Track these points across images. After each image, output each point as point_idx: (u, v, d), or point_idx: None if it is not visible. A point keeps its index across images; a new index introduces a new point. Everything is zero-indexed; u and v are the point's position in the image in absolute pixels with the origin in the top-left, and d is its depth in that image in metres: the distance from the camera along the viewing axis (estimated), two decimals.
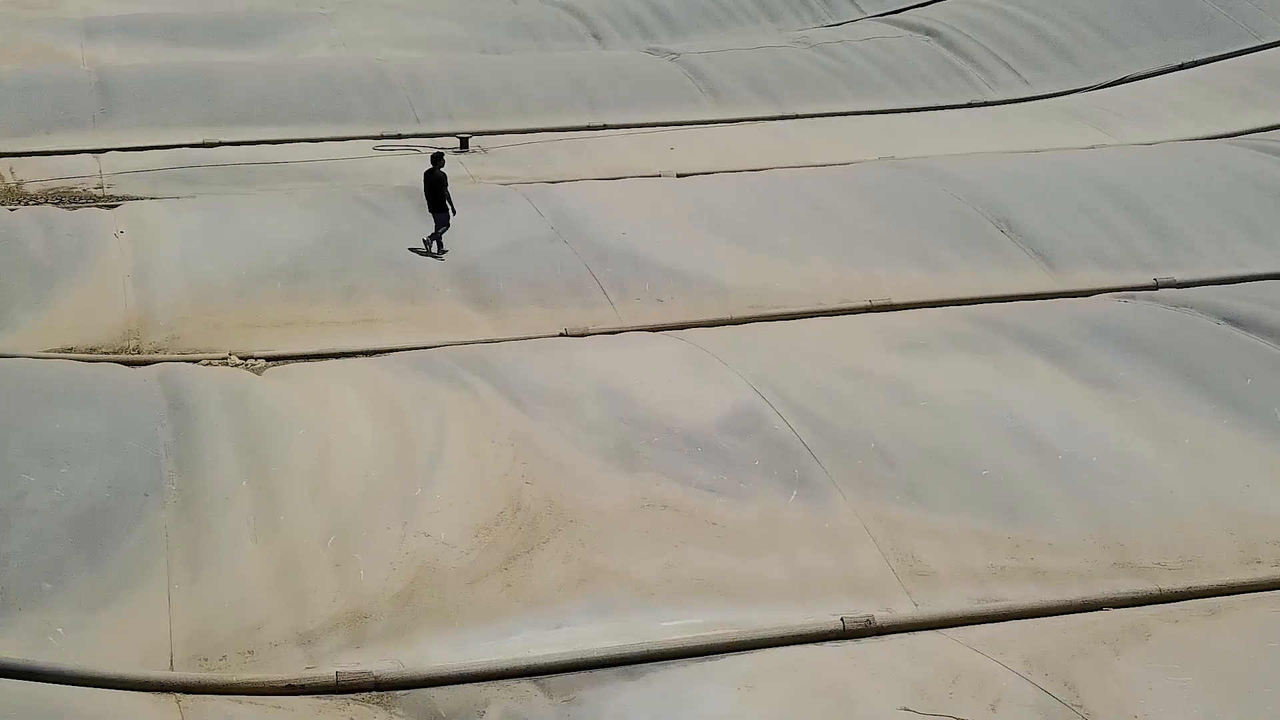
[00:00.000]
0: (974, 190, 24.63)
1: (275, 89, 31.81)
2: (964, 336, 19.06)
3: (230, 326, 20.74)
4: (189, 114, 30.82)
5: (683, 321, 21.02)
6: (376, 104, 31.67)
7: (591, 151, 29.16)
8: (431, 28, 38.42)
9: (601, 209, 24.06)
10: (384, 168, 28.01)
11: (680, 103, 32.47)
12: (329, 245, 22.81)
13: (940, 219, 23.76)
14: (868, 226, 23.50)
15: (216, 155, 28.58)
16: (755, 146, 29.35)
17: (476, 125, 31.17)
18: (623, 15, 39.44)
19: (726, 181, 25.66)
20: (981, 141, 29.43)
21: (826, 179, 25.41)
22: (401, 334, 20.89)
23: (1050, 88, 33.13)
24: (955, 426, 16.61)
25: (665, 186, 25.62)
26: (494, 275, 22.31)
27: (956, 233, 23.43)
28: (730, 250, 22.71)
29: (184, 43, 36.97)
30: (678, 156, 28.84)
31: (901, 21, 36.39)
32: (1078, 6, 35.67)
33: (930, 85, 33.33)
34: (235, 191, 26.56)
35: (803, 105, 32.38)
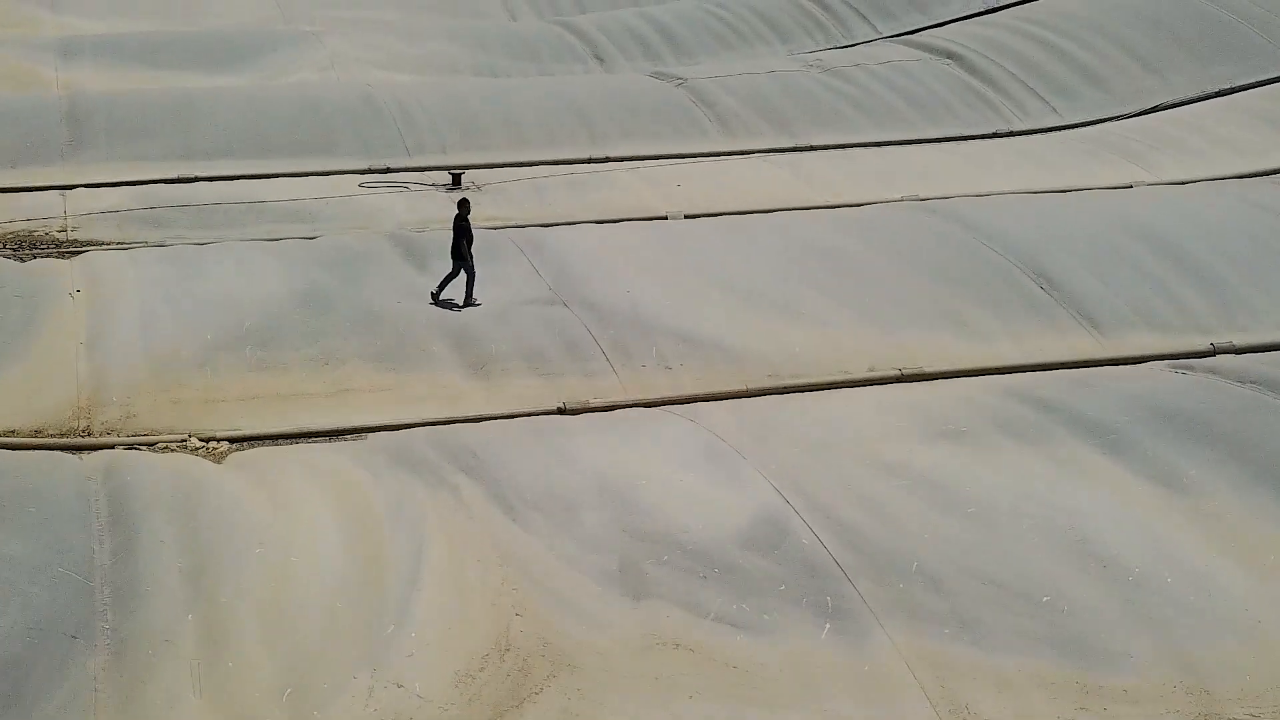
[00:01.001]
0: (1009, 241, 22.38)
1: (256, 118, 29.54)
2: (1011, 421, 16.83)
3: (192, 402, 18.52)
4: (164, 146, 28.55)
5: (693, 394, 18.82)
6: (364, 134, 29.40)
7: (593, 188, 26.90)
8: (425, 48, 36.11)
9: (604, 262, 21.83)
10: (370, 208, 25.75)
11: (687, 132, 30.21)
12: (304, 302, 20.60)
13: (973, 274, 21.51)
14: (894, 282, 21.25)
15: (191, 193, 26.30)
16: (768, 183, 27.09)
17: (470, 157, 28.91)
18: (626, 35, 37.11)
19: (739, 228, 23.40)
20: (1011, 178, 27.16)
21: (847, 226, 23.15)
22: (382, 407, 18.68)
23: (1080, 116, 30.85)
24: (1010, 540, 14.37)
25: (672, 234, 23.37)
26: (486, 338, 20.10)
27: (992, 290, 21.17)
28: (744, 310, 20.46)
29: (164, 65, 34.66)
30: (685, 194, 26.59)
31: (920, 43, 34.08)
32: (1107, 28, 33.37)
33: (953, 113, 31.05)
34: (208, 235, 24.35)
35: (817, 135, 30.09)
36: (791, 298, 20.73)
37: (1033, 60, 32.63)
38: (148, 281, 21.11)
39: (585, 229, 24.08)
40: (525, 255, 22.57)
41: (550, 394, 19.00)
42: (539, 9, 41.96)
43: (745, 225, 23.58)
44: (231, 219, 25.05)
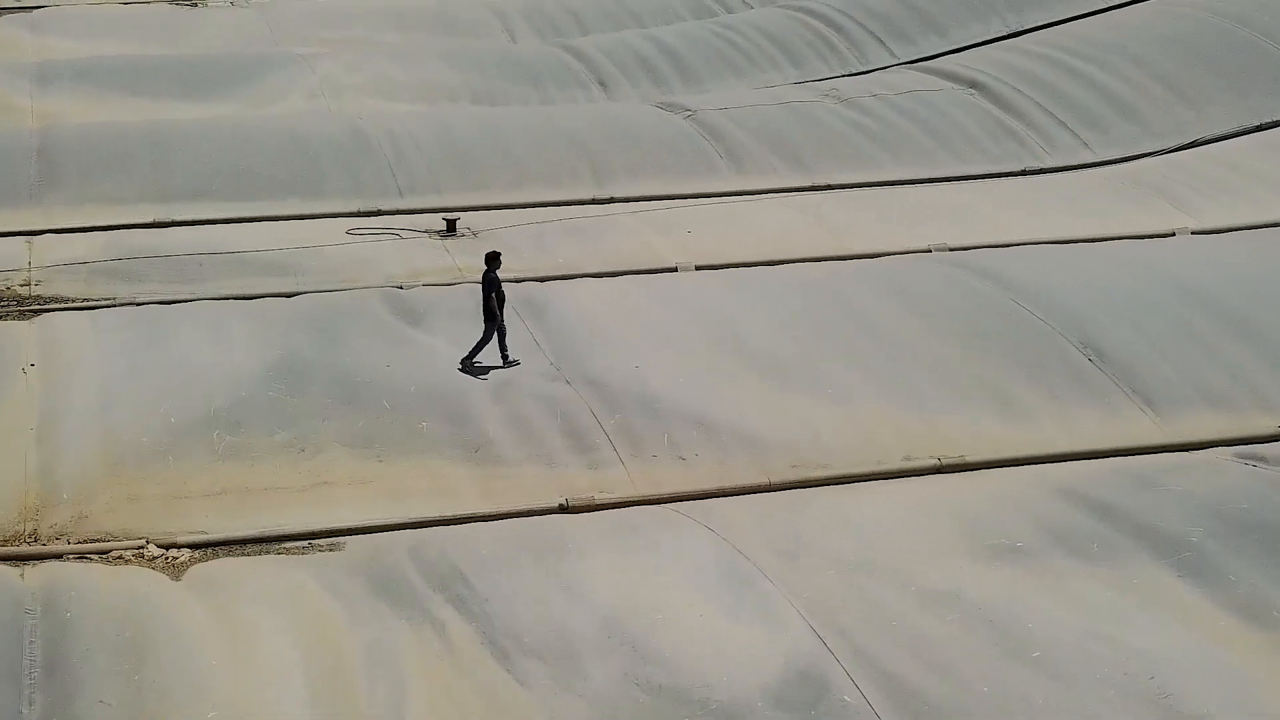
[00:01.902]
0: (1050, 303, 20.25)
1: (239, 155, 27.41)
2: (1070, 532, 14.73)
3: (152, 499, 16.41)
4: (140, 185, 26.46)
5: (710, 489, 16.72)
6: (354, 172, 27.27)
7: (596, 234, 24.75)
8: (420, 73, 33.93)
9: (609, 330, 19.72)
10: (358, 258, 23.60)
11: (697, 169, 28.07)
12: (280, 375, 18.51)
13: (1014, 343, 19.38)
14: (929, 353, 19.12)
15: (165, 241, 24.15)
16: (784, 228, 24.94)
17: (466, 198, 26.79)
18: (630, 58, 34.90)
19: (756, 285, 21.27)
20: (1044, 223, 25.01)
21: (873, 283, 21.02)
22: (365, 503, 16.59)
23: (1114, 151, 28.68)
24: (1082, 695, 12.25)
25: (683, 292, 21.23)
26: (482, 416, 18.04)
27: (1035, 362, 19.05)
28: (764, 388, 18.34)
29: (145, 92, 32.53)
30: (696, 240, 24.45)
31: (940, 71, 31.91)
32: (1138, 55, 31.19)
33: (978, 148, 28.89)
34: (182, 289, 22.23)
35: (835, 172, 27.96)
36: (816, 372, 18.61)
37: (1060, 90, 30.45)
38: (109, 352, 19.02)
39: (589, 285, 21.95)
40: (524, 320, 20.45)
41: (552, 486, 16.90)
42: (539, 29, 39.77)
43: (763, 281, 21.45)
44: (207, 272, 22.92)
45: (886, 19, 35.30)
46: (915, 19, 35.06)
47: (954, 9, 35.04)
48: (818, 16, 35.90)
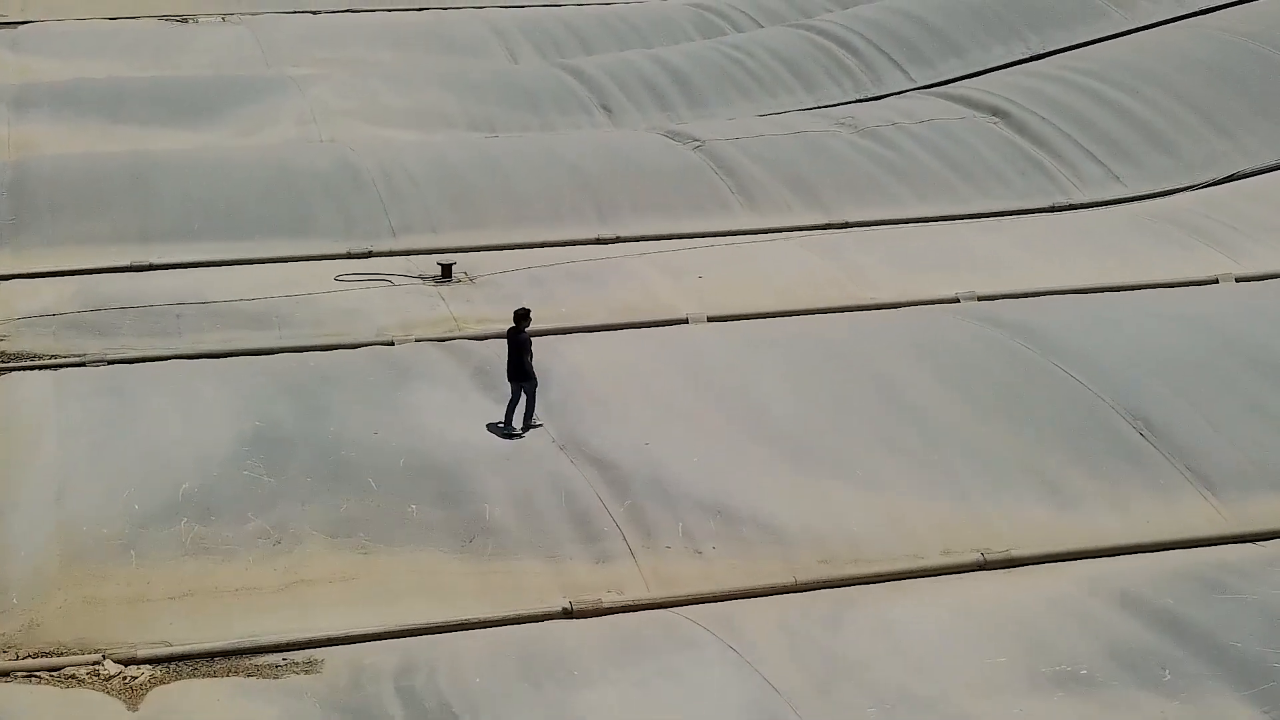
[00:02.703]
0: (1094, 367, 18.44)
1: (223, 191, 25.59)
2: (1136, 653, 13.01)
3: (112, 602, 14.61)
4: (117, 224, 24.68)
5: (730, 590, 14.92)
6: (344, 210, 25.45)
7: (601, 280, 22.94)
8: (415, 97, 32.08)
9: (616, 399, 17.92)
10: (346, 308, 21.79)
11: (707, 205, 26.25)
12: (256, 451, 16.71)
13: (1056, 415, 17.57)
14: (963, 428, 17.31)
15: (141, 289, 22.35)
16: (802, 272, 23.13)
17: (463, 237, 24.97)
18: (635, 81, 33.03)
19: (774, 347, 19.42)
20: (1078, 268, 23.20)
21: (901, 345, 19.19)
22: (346, 604, 14.79)
23: (1147, 185, 26.86)
24: None
25: (696, 354, 19.40)
26: (477, 495, 16.26)
27: (1081, 437, 17.23)
28: (787, 470, 16.53)
29: (128, 118, 30.69)
30: (707, 287, 22.65)
31: (961, 97, 30.06)
32: (1168, 80, 29.35)
33: (1004, 182, 27.07)
34: (157, 344, 20.47)
35: (853, 209, 26.15)
36: (843, 451, 16.79)
37: (1088, 118, 28.62)
38: (72, 426, 17.20)
39: (593, 343, 20.13)
40: None
41: (555, 583, 15.13)
42: (540, 47, 37.90)
43: (781, 341, 19.62)
44: (184, 324, 21.13)
45: (902, 40, 33.46)
46: (932, 40, 33.23)
47: (973, 30, 33.22)
48: (830, 37, 34.05)
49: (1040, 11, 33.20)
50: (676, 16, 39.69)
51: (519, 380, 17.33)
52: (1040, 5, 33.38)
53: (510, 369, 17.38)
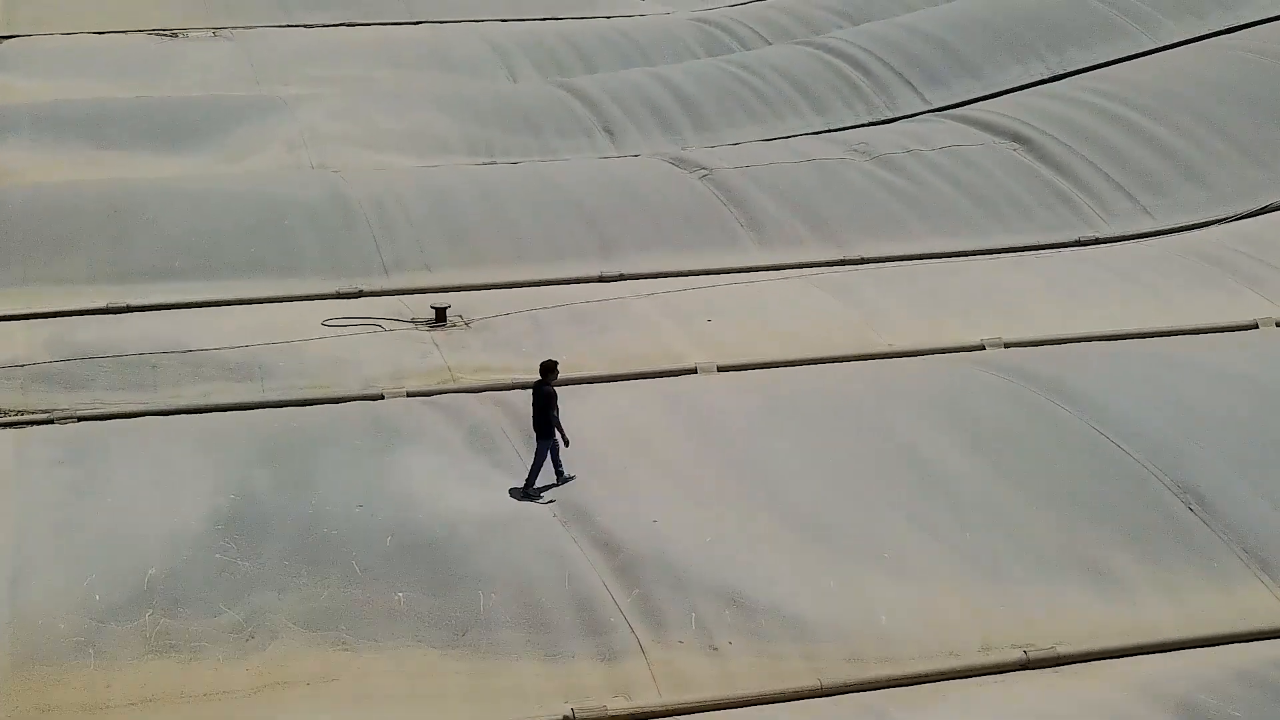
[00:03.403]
0: (1134, 429, 16.98)
1: (206, 226, 24.12)
2: None
3: (67, 710, 13.15)
4: (95, 263, 23.19)
5: (750, 695, 13.47)
6: (334, 246, 23.97)
7: (603, 324, 21.46)
8: (410, 120, 30.55)
9: (621, 467, 16.45)
10: (333, 357, 20.29)
11: (715, 239, 24.76)
12: (231, 530, 15.25)
13: (1098, 487, 16.10)
14: (998, 504, 15.83)
15: (118, 334, 20.88)
16: (816, 317, 21.65)
17: (458, 275, 23.50)
18: (638, 102, 31.47)
19: (790, 407, 17.96)
20: (1109, 311, 21.73)
21: (927, 407, 17.73)
22: (324, 713, 13.32)
23: (1176, 218, 25.37)
24: None
25: (707, 413, 17.92)
26: (471, 578, 14.81)
27: (1126, 513, 15.76)
28: (808, 553, 15.05)
29: (111, 143, 29.17)
30: (716, 332, 21.19)
31: (979, 120, 28.54)
32: (1194, 104, 27.85)
33: (1026, 214, 25.57)
34: (131, 398, 19.05)
35: (868, 243, 24.66)
36: (868, 532, 15.31)
37: (1112, 145, 27.13)
38: (32, 500, 15.74)
39: (596, 398, 18.66)
40: (515, 450, 17.19)
41: (556, 685, 13.67)
42: (540, 65, 36.36)
43: (798, 400, 18.15)
44: (161, 376, 19.64)
45: (916, 60, 31.93)
46: (947, 59, 31.70)
47: (989, 49, 31.70)
48: (841, 56, 32.53)
49: (1059, 30, 31.69)
50: (680, 32, 38.15)
51: (544, 437, 16.05)
52: (1059, 23, 31.89)
53: (536, 424, 16.11)
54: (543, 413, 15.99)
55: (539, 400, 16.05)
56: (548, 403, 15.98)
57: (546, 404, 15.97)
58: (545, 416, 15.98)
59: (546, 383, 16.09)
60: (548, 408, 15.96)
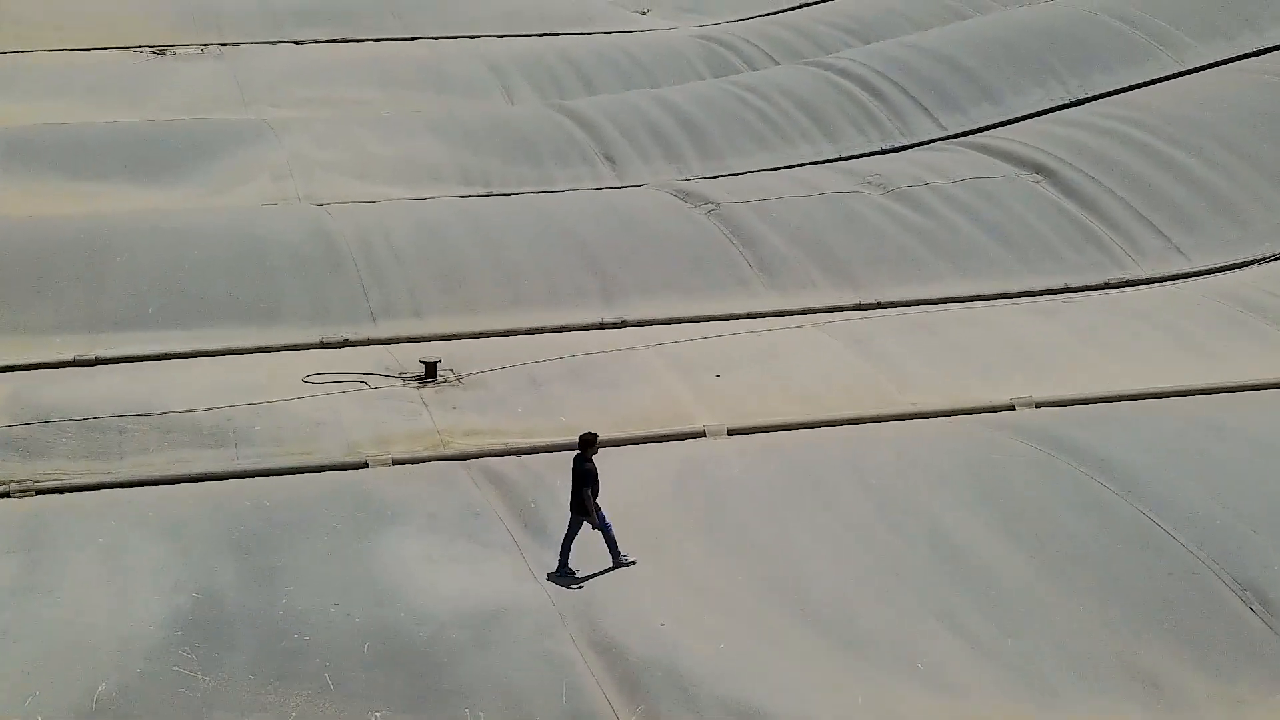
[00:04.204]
0: (1188, 517, 15.34)
1: (183, 268, 22.52)
2: None
3: None
4: (65, 310, 21.65)
5: None
6: (319, 290, 22.37)
7: (606, 379, 19.83)
8: (402, 146, 28.90)
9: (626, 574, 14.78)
10: (313, 418, 18.67)
11: (723, 281, 23.15)
12: (191, 636, 13.73)
13: (1152, 584, 14.48)
14: (1042, 602, 14.22)
15: (85, 392, 19.26)
16: (832, 371, 20.02)
17: (451, 322, 21.95)
18: (640, 127, 29.79)
19: (809, 486, 16.32)
20: (1145, 366, 20.11)
21: (956, 482, 16.13)
22: None
23: (1211, 257, 23.76)
24: None
25: (717, 489, 16.32)
26: (458, 693, 13.21)
27: (1184, 616, 14.14)
28: (833, 661, 13.43)
29: (91, 172, 27.56)
30: (726, 388, 19.57)
31: (998, 150, 26.88)
32: (1229, 136, 26.21)
33: (1051, 254, 23.94)
34: (95, 467, 17.44)
35: (886, 286, 23.05)
36: (900, 636, 13.69)
37: (1140, 177, 25.50)
38: None
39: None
40: (509, 530, 15.63)
41: None
42: (539, 86, 34.68)
43: (816, 475, 16.52)
44: (129, 442, 18.01)
45: (930, 83, 30.28)
46: (963, 83, 30.07)
47: (1007, 72, 30.08)
48: (852, 78, 30.89)
49: (1080, 52, 30.08)
50: (684, 50, 36.47)
51: (579, 514, 14.65)
52: (1079, 45, 30.28)
53: (572, 499, 14.72)
54: (578, 489, 14.65)
55: (576, 476, 14.70)
56: (583, 481, 14.64)
57: (582, 482, 14.64)
58: (580, 494, 14.63)
59: (585, 457, 14.72)
60: (583, 484, 14.62)
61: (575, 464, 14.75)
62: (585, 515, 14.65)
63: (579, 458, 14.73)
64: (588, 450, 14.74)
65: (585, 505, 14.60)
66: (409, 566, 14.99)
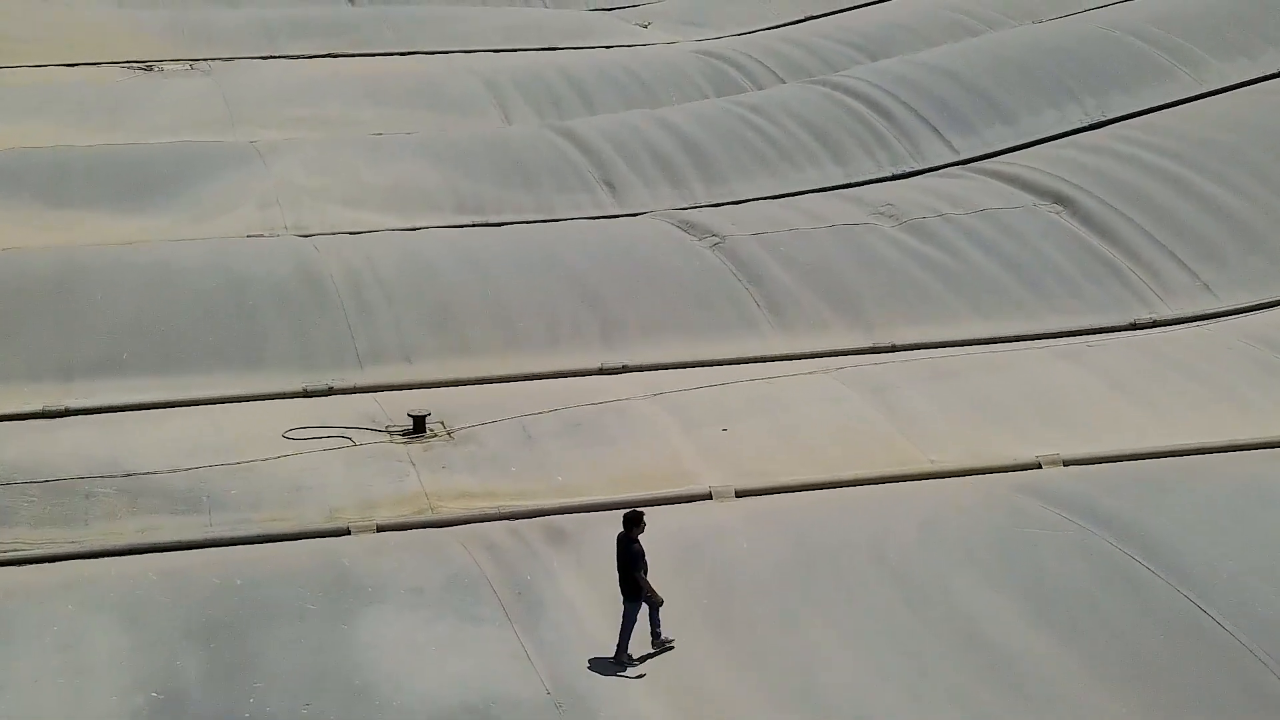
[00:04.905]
0: (1239, 605, 14.01)
1: (160, 308, 21.24)
2: None
3: None
4: (35, 354, 20.36)
5: None
6: (303, 332, 21.08)
7: (605, 433, 18.51)
8: (394, 172, 27.53)
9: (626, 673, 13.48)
10: (294, 479, 17.35)
11: (729, 322, 21.83)
12: None
13: (1203, 682, 13.16)
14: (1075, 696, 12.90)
15: (56, 439, 18.01)
16: (846, 425, 18.70)
17: (442, 367, 20.67)
18: (642, 150, 28.41)
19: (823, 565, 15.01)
20: (1178, 417, 18.81)
21: (983, 561, 14.82)
22: None
23: (1241, 295, 22.42)
24: None
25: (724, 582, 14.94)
26: None
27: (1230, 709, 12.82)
28: None
29: (70, 199, 26.20)
30: (733, 441, 18.27)
31: (1015, 178, 25.53)
32: (1257, 163, 24.87)
33: (1074, 291, 22.61)
34: (59, 536, 16.15)
35: (900, 327, 21.74)
36: None
37: (1164, 207, 24.17)
38: None
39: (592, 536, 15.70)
40: (501, 603, 14.34)
41: None
42: (537, 104, 33.29)
43: (835, 552, 15.20)
44: (96, 508, 16.70)
45: (941, 103, 28.93)
46: (977, 104, 28.72)
47: (1021, 92, 28.74)
48: (860, 98, 29.53)
49: (1097, 72, 28.74)
50: (685, 66, 35.09)
51: (631, 599, 13.45)
52: (1097, 64, 28.95)
53: (621, 583, 13.55)
54: (627, 572, 13.48)
55: (623, 557, 13.55)
56: (633, 561, 13.46)
57: (632, 563, 13.47)
58: (630, 576, 13.44)
59: (631, 537, 13.59)
60: (633, 567, 13.44)
61: (621, 545, 13.61)
62: (645, 599, 13.41)
63: (624, 538, 13.60)
64: (633, 529, 13.59)
65: (640, 588, 13.39)
66: (389, 655, 13.72)
